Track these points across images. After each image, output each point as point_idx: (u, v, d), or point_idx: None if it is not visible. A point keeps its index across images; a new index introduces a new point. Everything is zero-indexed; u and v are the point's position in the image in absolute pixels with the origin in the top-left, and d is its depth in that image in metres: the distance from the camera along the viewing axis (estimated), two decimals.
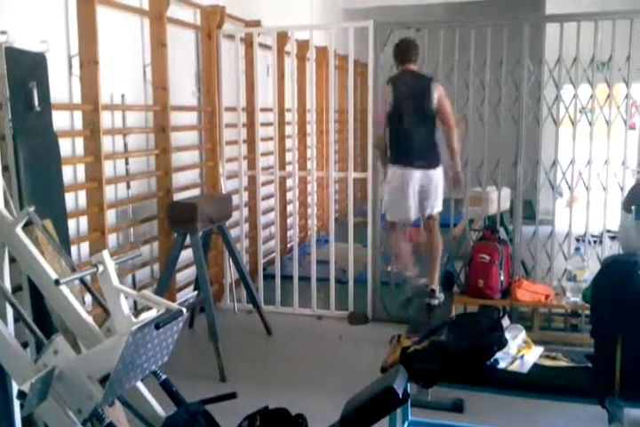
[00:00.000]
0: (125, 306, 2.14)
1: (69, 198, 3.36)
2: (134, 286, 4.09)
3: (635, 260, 2.42)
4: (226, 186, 4.90)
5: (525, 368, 2.49)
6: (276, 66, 4.95)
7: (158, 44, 4.17)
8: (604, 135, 4.27)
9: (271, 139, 5.03)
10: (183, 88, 4.67)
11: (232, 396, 2.26)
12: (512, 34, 4.23)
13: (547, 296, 4.00)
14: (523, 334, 2.67)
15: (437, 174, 4.13)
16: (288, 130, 6.01)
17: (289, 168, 5.91)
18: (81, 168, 3.59)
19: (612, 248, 4.33)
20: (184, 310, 2.04)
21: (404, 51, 4.16)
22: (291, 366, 3.81)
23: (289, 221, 6.26)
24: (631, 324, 2.32)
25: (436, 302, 4.17)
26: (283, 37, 5.39)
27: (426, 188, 4.12)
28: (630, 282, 2.33)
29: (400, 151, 4.15)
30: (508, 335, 2.55)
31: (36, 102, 2.73)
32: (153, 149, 4.27)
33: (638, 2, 5.65)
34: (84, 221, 3.61)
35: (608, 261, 2.61)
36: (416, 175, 4.09)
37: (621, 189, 4.22)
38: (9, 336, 2.07)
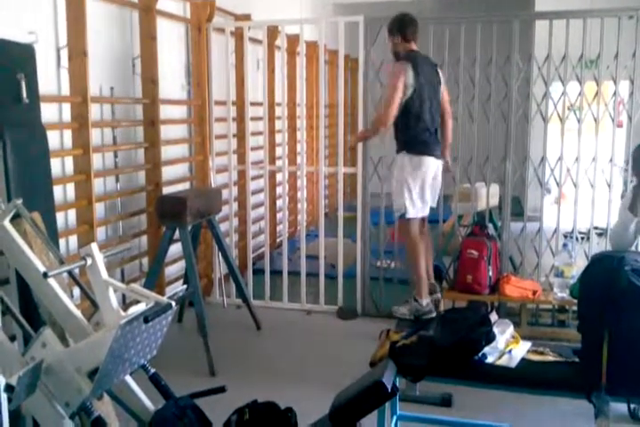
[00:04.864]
0: (114, 299, 2.14)
1: (58, 191, 3.33)
2: (123, 279, 4.07)
3: (622, 256, 2.44)
4: (215, 180, 4.88)
5: (513, 363, 2.50)
6: (267, 60, 4.94)
7: (148, 37, 4.14)
8: (592, 132, 4.29)
9: (261, 133, 5.02)
10: (173, 81, 4.65)
11: (221, 390, 2.26)
12: (502, 31, 4.24)
13: (534, 292, 4.02)
14: (511, 329, 2.69)
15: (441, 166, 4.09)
16: (278, 124, 6.00)
17: (279, 163, 5.89)
18: (69, 161, 3.56)
19: (599, 245, 4.36)
20: (173, 303, 2.03)
21: (415, 28, 3.94)
22: (280, 361, 3.81)
23: (278, 215, 6.25)
24: (618, 319, 2.34)
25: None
26: (273, 31, 5.37)
27: (437, 179, 4.06)
28: (617, 278, 2.35)
29: (424, 139, 3.96)
30: (496, 330, 2.56)
31: (24, 94, 2.70)
32: (142, 143, 4.25)
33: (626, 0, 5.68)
34: (72, 213, 3.59)
35: (596, 258, 2.63)
36: (435, 164, 4.01)
37: (609, 185, 4.26)
38: None
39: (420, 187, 3.98)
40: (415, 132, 3.94)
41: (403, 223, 4.08)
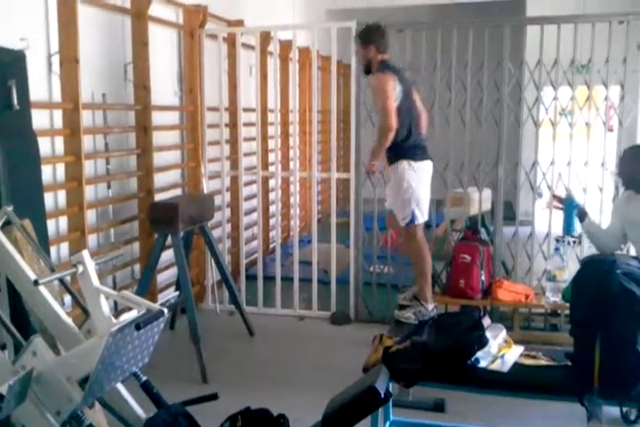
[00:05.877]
0: (105, 307, 2.12)
1: (49, 198, 3.32)
2: (115, 286, 4.05)
3: (612, 259, 2.45)
4: (208, 186, 4.88)
5: (506, 367, 2.50)
6: (259, 66, 4.95)
7: (140, 43, 4.14)
8: (584, 137, 4.31)
9: (254, 139, 5.02)
10: (165, 87, 4.64)
11: (213, 397, 2.25)
12: (493, 36, 4.26)
13: (527, 296, 4.03)
14: (503, 334, 2.69)
15: None
16: (271, 130, 6.01)
17: (272, 168, 5.90)
18: (61, 168, 3.55)
19: (590, 248, 4.37)
20: (165, 310, 2.02)
21: (386, 39, 3.95)
22: (273, 367, 3.80)
23: (271, 221, 6.25)
24: (609, 323, 2.35)
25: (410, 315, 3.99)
26: (265, 37, 5.38)
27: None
28: (608, 281, 2.36)
29: (422, 144, 3.97)
30: (488, 335, 2.57)
31: (15, 101, 2.70)
32: (134, 149, 4.24)
33: (617, 5, 5.73)
34: (63, 221, 3.58)
35: (586, 261, 2.64)
36: (431, 167, 4.01)
37: (600, 189, 4.27)
38: None
39: (424, 191, 3.99)
40: (413, 139, 3.91)
41: (408, 230, 4.01)
